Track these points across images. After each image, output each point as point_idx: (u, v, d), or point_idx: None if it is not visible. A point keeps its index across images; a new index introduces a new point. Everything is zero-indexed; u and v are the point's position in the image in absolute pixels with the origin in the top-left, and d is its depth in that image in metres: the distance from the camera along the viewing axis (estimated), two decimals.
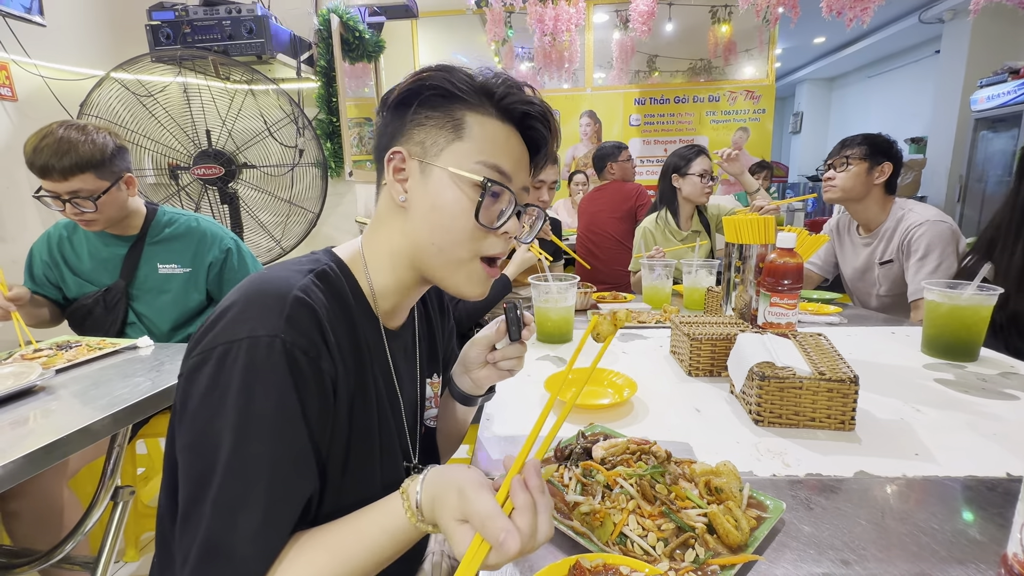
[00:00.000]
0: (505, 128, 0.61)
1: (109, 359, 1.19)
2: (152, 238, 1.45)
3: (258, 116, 2.20)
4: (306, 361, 0.51)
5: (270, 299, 0.52)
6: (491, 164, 0.59)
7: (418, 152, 0.60)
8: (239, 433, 0.48)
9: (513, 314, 0.69)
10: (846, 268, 1.83)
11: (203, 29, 2.02)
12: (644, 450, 0.64)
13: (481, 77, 0.61)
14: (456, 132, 0.59)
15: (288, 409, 0.49)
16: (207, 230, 1.50)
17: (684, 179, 2.07)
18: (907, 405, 0.89)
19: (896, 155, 1.62)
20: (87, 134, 1.26)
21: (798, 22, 3.36)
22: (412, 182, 0.60)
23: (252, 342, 0.49)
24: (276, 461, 0.49)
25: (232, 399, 0.48)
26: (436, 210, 0.59)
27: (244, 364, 0.48)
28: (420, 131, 0.60)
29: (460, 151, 0.59)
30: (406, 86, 0.60)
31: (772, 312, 1.05)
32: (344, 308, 0.59)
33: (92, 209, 1.28)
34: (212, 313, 0.53)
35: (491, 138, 0.60)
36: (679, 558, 0.51)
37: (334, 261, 0.63)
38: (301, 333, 0.51)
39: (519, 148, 0.63)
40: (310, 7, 2.40)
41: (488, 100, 0.60)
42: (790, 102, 9.20)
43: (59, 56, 1.98)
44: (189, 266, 1.47)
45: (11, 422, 0.88)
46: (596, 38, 4.74)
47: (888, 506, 0.61)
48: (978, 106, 4.50)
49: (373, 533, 0.50)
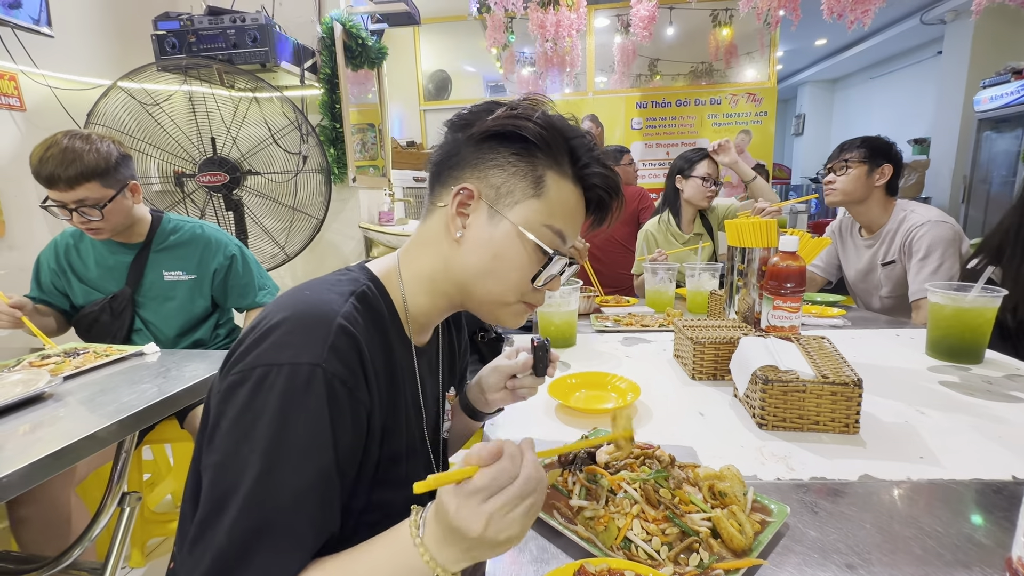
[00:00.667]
0: (576, 192, 0.61)
1: (116, 366, 1.20)
2: (157, 245, 1.46)
3: (262, 123, 2.22)
4: (345, 392, 0.50)
5: (315, 324, 0.51)
6: (557, 230, 0.60)
7: (490, 196, 0.59)
8: (267, 461, 0.46)
9: (543, 352, 0.72)
10: (849, 270, 1.83)
11: (208, 38, 2.04)
12: (648, 454, 0.64)
13: (573, 137, 0.60)
14: (536, 189, 0.58)
15: (321, 443, 0.48)
16: (211, 237, 1.51)
17: (687, 181, 2.08)
18: (912, 408, 0.88)
19: (896, 157, 1.62)
20: (91, 143, 1.27)
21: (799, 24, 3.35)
22: (475, 222, 0.59)
23: (293, 369, 0.48)
24: (300, 495, 0.47)
25: (265, 425, 0.47)
26: (496, 259, 0.59)
27: (282, 390, 0.47)
28: (498, 174, 0.58)
29: (533, 209, 0.58)
30: (500, 124, 0.58)
31: (775, 315, 1.05)
32: (381, 331, 0.59)
33: (98, 217, 1.29)
34: (255, 327, 0.52)
35: (563, 201, 0.60)
36: (683, 562, 0.51)
37: (371, 280, 0.62)
38: (343, 363, 0.50)
39: (582, 212, 0.63)
40: (313, 15, 2.43)
41: (569, 162, 0.60)
42: (792, 104, 9.19)
43: (67, 66, 2.00)
44: (194, 272, 1.48)
45: (20, 429, 0.88)
46: (597, 42, 4.76)
47: (893, 510, 0.61)
48: (981, 107, 4.49)
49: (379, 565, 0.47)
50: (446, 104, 5.14)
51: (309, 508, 0.48)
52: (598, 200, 0.63)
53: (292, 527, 0.47)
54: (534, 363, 0.72)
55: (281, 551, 0.46)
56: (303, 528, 0.47)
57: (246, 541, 0.45)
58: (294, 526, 0.47)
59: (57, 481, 1.25)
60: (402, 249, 0.66)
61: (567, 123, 0.61)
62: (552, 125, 0.59)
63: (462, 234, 0.59)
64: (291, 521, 0.47)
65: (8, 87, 1.81)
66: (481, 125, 0.59)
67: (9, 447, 0.82)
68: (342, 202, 2.57)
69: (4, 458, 0.78)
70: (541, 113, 0.59)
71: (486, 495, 0.42)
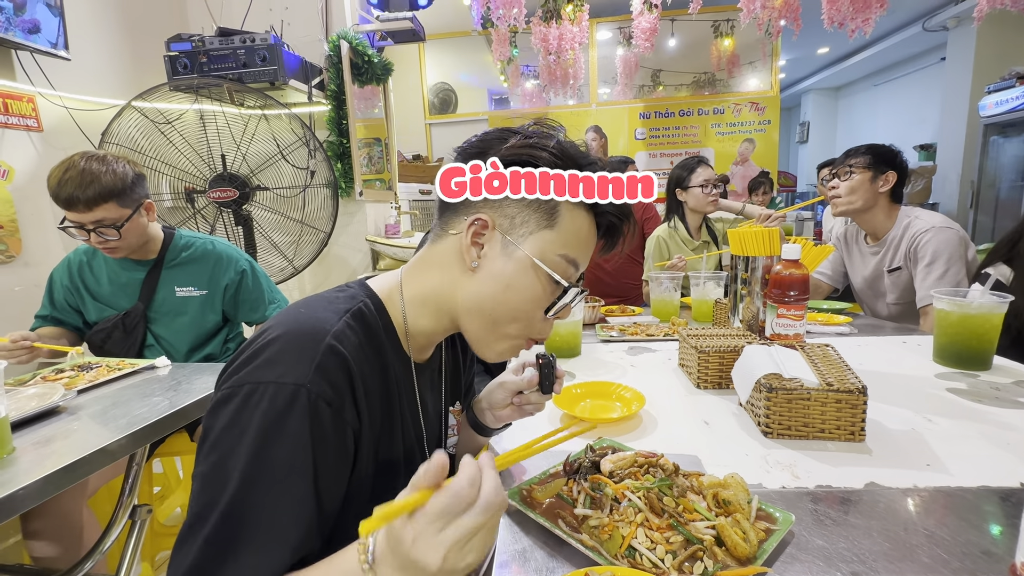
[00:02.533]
0: (588, 220, 0.61)
1: (128, 379, 1.22)
2: (170, 262, 1.49)
3: (271, 140, 2.27)
4: (329, 413, 0.51)
5: (305, 343, 0.51)
6: (571, 259, 0.60)
7: (504, 226, 0.59)
8: (246, 477, 0.47)
9: (549, 370, 0.70)
10: (855, 277, 1.82)
11: (219, 58, 2.09)
12: (652, 463, 0.64)
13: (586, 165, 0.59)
14: (549, 220, 0.58)
15: (300, 463, 0.49)
16: (222, 252, 1.54)
17: (687, 192, 2.09)
18: (919, 415, 0.88)
19: (900, 164, 1.62)
20: (107, 164, 1.29)
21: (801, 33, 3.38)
22: (489, 252, 0.59)
23: (277, 388, 0.49)
24: (276, 513, 0.48)
25: (247, 442, 0.48)
26: (510, 290, 0.58)
27: (265, 409, 0.48)
28: (513, 205, 0.58)
29: (547, 240, 0.58)
30: (514, 153, 0.58)
31: (780, 323, 1.05)
32: (377, 348, 0.59)
33: (116, 237, 1.32)
34: (250, 343, 0.54)
35: (576, 231, 0.60)
36: (687, 571, 0.51)
37: (369, 297, 0.62)
38: (329, 383, 0.51)
39: (594, 239, 0.63)
40: (320, 34, 2.48)
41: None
42: (796, 112, 9.20)
43: (82, 88, 2.06)
44: (206, 288, 1.51)
45: (34, 442, 0.90)
46: (600, 55, 4.82)
47: (899, 517, 0.61)
48: (987, 112, 4.48)
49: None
50: (451, 118, 5.21)
51: (282, 528, 0.48)
52: (609, 225, 0.63)
53: (263, 546, 0.47)
54: (540, 379, 0.71)
55: (250, 569, 0.46)
56: (274, 547, 0.48)
57: (222, 555, 0.46)
58: (266, 545, 0.47)
59: (69, 494, 1.27)
60: (406, 268, 0.66)
61: (579, 150, 0.61)
62: (567, 154, 0.59)
63: (477, 264, 0.59)
64: (263, 540, 0.47)
65: (26, 108, 1.86)
66: (496, 154, 0.58)
67: (24, 460, 0.83)
68: (349, 216, 2.60)
69: (20, 471, 0.80)
70: (555, 142, 0.59)
71: (442, 525, 0.39)
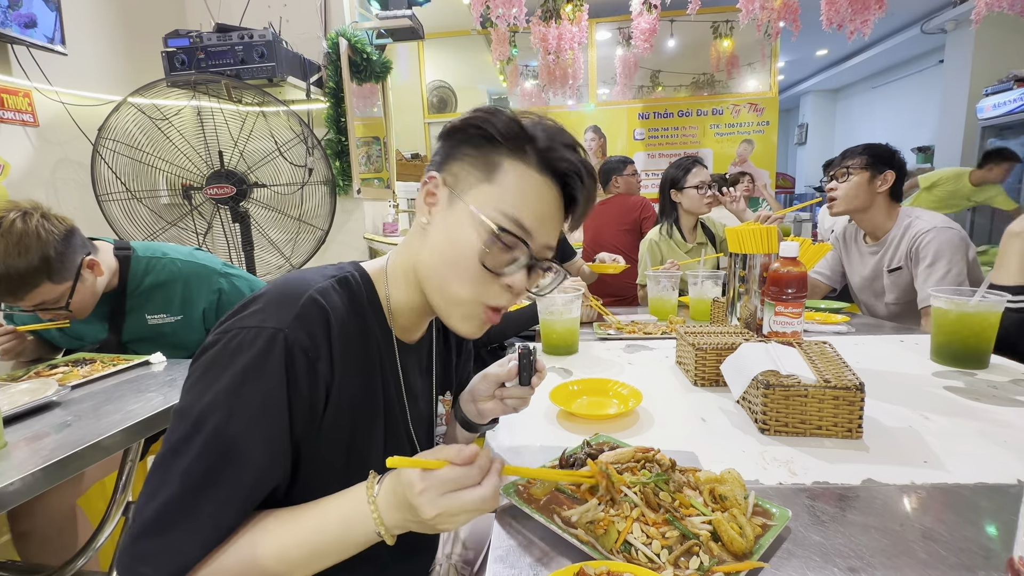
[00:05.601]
0: (541, 180, 0.60)
1: (123, 375, 1.21)
2: (133, 291, 1.34)
3: (269, 137, 2.26)
4: (304, 361, 0.53)
5: (287, 297, 0.55)
6: (511, 216, 0.58)
7: (451, 182, 0.61)
8: (224, 411, 0.50)
9: (527, 360, 0.70)
10: (853, 277, 1.82)
11: (217, 54, 2.08)
12: (648, 458, 0.64)
13: (528, 124, 0.60)
14: (487, 174, 0.59)
15: (275, 400, 0.52)
16: (190, 274, 1.37)
17: (682, 193, 2.08)
18: (916, 413, 0.88)
19: (898, 163, 1.62)
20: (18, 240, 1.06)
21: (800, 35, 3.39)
22: (438, 209, 0.61)
23: (257, 331, 0.52)
24: (251, 449, 0.51)
25: (226, 378, 0.51)
26: (449, 243, 0.60)
27: (244, 350, 0.52)
28: (457, 164, 0.61)
29: (487, 194, 0.59)
30: (457, 121, 0.62)
31: (777, 321, 1.05)
32: (359, 316, 0.61)
33: (66, 311, 1.19)
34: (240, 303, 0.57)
35: (522, 189, 0.59)
36: (683, 566, 0.51)
37: (358, 271, 0.65)
38: (306, 332, 0.54)
39: (552, 203, 0.61)
40: (319, 31, 2.48)
41: (531, 149, 0.59)
42: (795, 114, 9.23)
43: (79, 83, 2.05)
44: (179, 314, 1.38)
45: (27, 437, 0.89)
46: (599, 55, 4.82)
47: (897, 513, 0.61)
48: (985, 114, 4.50)
49: (326, 510, 0.53)
50: (450, 117, 5.19)
51: (257, 464, 0.52)
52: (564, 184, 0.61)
53: (241, 479, 0.51)
54: (519, 371, 0.71)
55: (227, 500, 0.50)
56: (250, 480, 0.52)
57: (199, 487, 0.49)
58: (243, 478, 0.51)
59: (60, 493, 1.26)
60: (395, 248, 0.69)
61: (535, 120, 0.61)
62: (506, 115, 0.60)
63: (427, 221, 0.62)
64: (238, 473, 0.51)
65: (22, 103, 1.85)
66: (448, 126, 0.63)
67: (17, 455, 0.83)
68: (347, 214, 2.60)
69: (12, 465, 0.79)
70: (491, 108, 0.61)
71: (445, 490, 0.48)
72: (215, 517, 0.50)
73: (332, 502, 0.54)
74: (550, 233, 0.62)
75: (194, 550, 0.49)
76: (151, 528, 0.48)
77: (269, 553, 0.51)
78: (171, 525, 0.48)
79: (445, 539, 0.89)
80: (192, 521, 0.49)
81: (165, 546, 0.48)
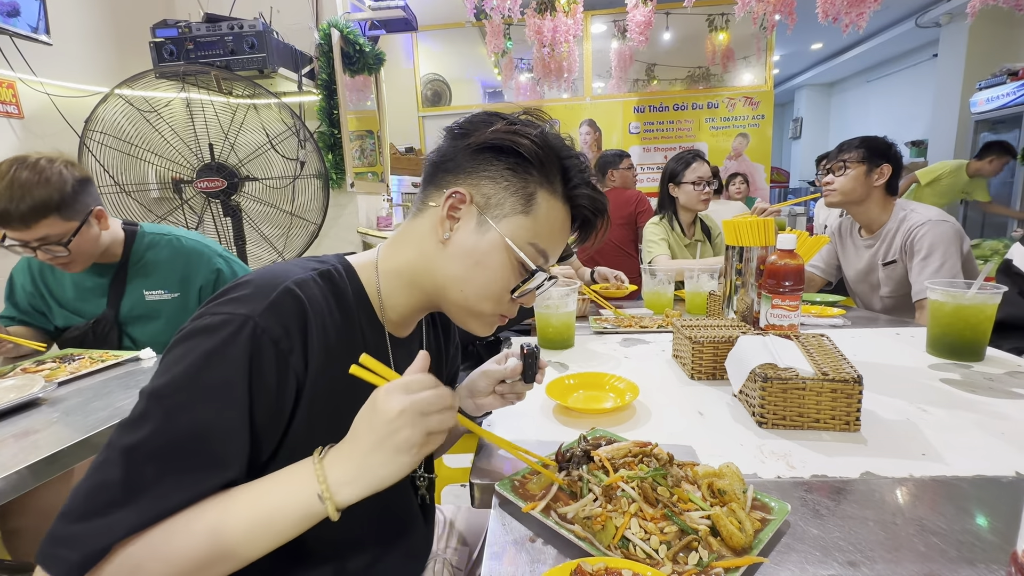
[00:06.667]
0: (564, 211, 0.63)
1: (111, 371, 1.19)
2: (135, 263, 1.36)
3: (260, 130, 2.23)
4: (273, 352, 0.52)
5: (264, 285, 0.54)
6: (541, 249, 0.62)
7: (481, 204, 0.60)
8: (183, 394, 0.49)
9: (532, 359, 0.73)
10: (849, 270, 1.82)
11: (206, 45, 2.05)
12: (646, 452, 0.63)
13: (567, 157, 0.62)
14: (526, 206, 0.60)
15: (234, 390, 0.50)
16: (192, 250, 1.40)
17: (679, 188, 2.06)
18: (913, 405, 0.87)
19: (895, 157, 1.62)
20: (40, 172, 1.12)
21: (795, 28, 3.38)
22: (463, 227, 0.60)
23: (227, 318, 0.51)
24: (207, 437, 0.49)
25: (189, 362, 0.49)
26: (479, 267, 0.60)
27: (212, 335, 0.50)
28: (491, 185, 0.60)
29: (521, 225, 0.60)
30: (499, 137, 0.59)
31: (774, 314, 1.04)
32: (343, 309, 0.60)
33: (65, 253, 1.19)
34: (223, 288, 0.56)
35: (551, 221, 0.62)
36: (682, 561, 0.50)
37: (342, 265, 0.64)
38: (279, 323, 0.52)
39: (567, 231, 0.66)
40: (311, 22, 2.44)
41: (560, 181, 0.62)
42: (789, 108, 9.24)
43: (64, 74, 2.01)
44: (177, 291, 1.39)
45: (14, 434, 0.88)
46: (594, 48, 4.79)
47: (896, 506, 0.60)
48: (978, 108, 4.51)
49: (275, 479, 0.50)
50: (444, 110, 5.17)
51: (210, 454, 0.49)
52: (584, 219, 0.66)
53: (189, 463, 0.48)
54: (523, 369, 0.73)
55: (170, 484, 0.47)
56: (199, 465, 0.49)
57: (138, 466, 0.46)
58: (191, 462, 0.48)
59: (49, 490, 1.23)
60: (384, 243, 0.68)
61: (563, 143, 0.63)
62: (548, 144, 0.60)
63: (449, 236, 0.61)
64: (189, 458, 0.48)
65: (6, 95, 1.81)
66: (480, 136, 0.60)
67: (3, 452, 0.81)
68: (340, 207, 2.57)
69: None
70: (539, 131, 0.60)
71: (410, 390, 0.48)
72: (154, 499, 0.46)
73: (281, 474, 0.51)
74: (558, 254, 0.67)
75: (120, 530, 0.45)
76: (80, 508, 0.45)
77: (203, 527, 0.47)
78: (104, 505, 0.45)
79: (440, 533, 0.89)
80: (126, 506, 0.45)
81: (91, 528, 0.44)
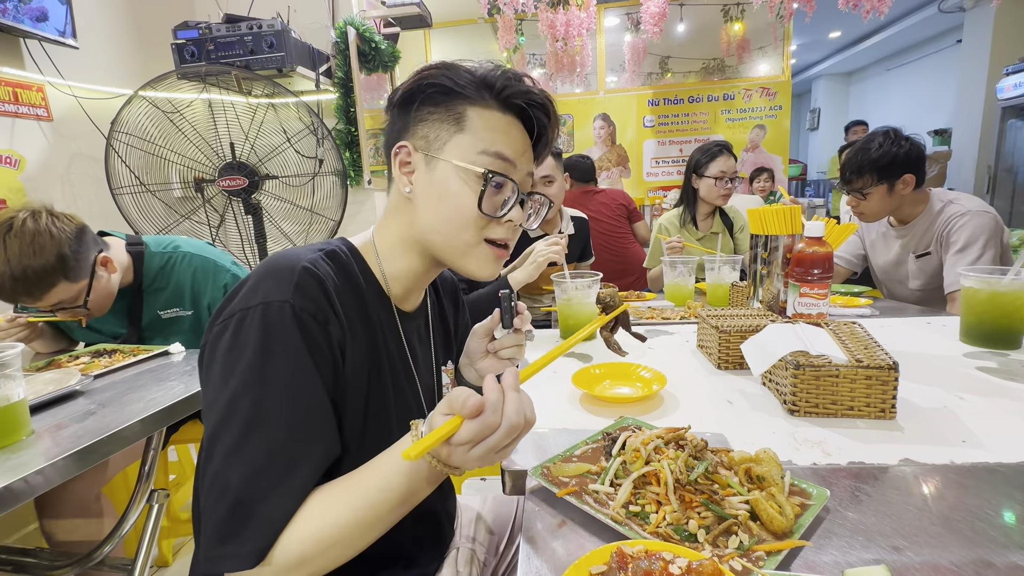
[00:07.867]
0: (506, 118, 0.63)
1: (143, 364, 1.22)
2: (148, 285, 1.37)
3: (279, 128, 2.25)
4: (315, 325, 0.54)
5: (281, 271, 0.55)
6: (493, 152, 0.61)
7: (423, 146, 0.62)
8: (258, 390, 0.50)
9: (507, 303, 0.72)
10: (877, 261, 1.77)
11: (226, 45, 2.08)
12: (679, 436, 0.63)
13: (481, 71, 0.62)
14: (458, 125, 0.61)
15: (304, 368, 0.52)
16: (198, 268, 1.38)
17: (701, 180, 2.03)
18: (950, 393, 0.86)
19: (914, 160, 1.49)
20: (32, 240, 1.07)
21: (813, 17, 3.31)
22: (418, 174, 0.63)
23: (265, 307, 0.52)
24: (293, 417, 0.51)
25: (249, 358, 0.51)
26: (442, 200, 0.61)
27: (259, 326, 0.51)
28: (423, 126, 0.62)
29: (463, 144, 0.61)
30: (409, 84, 0.63)
31: (802, 303, 1.03)
32: (353, 285, 0.62)
33: (86, 311, 1.21)
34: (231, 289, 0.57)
35: (492, 128, 0.62)
36: (722, 544, 0.50)
37: (345, 245, 0.66)
38: (310, 299, 0.54)
39: (521, 138, 0.64)
40: (327, 20, 2.46)
41: (488, 93, 0.62)
42: (807, 98, 9.07)
43: (91, 76, 2.06)
44: (191, 308, 1.40)
45: (52, 425, 0.90)
46: (608, 41, 4.74)
47: (937, 492, 0.59)
48: (1005, 94, 4.38)
49: (387, 470, 0.51)
50: None
51: (305, 430, 0.51)
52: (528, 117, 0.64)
53: (293, 455, 0.50)
54: (500, 315, 0.73)
55: (289, 473, 0.49)
56: (302, 449, 0.51)
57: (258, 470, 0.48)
58: (294, 453, 0.50)
59: (85, 481, 1.27)
60: (376, 224, 0.70)
61: (480, 65, 0.63)
62: (453, 67, 0.62)
63: (411, 189, 0.63)
64: (291, 443, 0.50)
65: (36, 98, 1.86)
66: (396, 95, 0.64)
67: (42, 443, 0.84)
68: (358, 204, 2.59)
69: (38, 452, 0.80)
70: (441, 63, 0.63)
71: (471, 446, 0.48)
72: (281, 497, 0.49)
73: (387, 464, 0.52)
74: (527, 165, 0.65)
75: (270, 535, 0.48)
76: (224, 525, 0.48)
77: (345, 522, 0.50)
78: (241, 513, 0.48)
79: (467, 522, 0.89)
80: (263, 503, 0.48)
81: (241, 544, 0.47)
